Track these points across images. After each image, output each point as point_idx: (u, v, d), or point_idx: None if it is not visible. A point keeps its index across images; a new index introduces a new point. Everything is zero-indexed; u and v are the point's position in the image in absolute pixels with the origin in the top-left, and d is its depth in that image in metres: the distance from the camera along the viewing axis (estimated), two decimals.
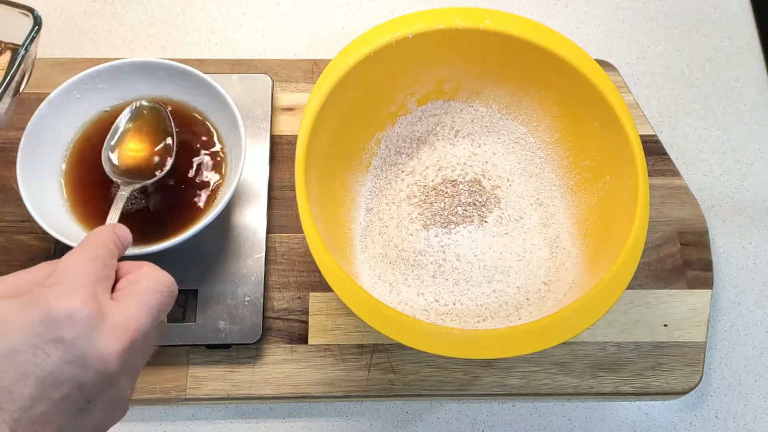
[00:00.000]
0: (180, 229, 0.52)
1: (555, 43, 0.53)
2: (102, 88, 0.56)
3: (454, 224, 0.56)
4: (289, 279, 0.57)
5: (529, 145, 0.59)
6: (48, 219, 0.50)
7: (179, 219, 0.53)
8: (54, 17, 0.70)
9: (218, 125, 0.56)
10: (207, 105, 0.56)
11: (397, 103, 0.59)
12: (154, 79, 0.56)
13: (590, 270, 0.51)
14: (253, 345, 0.54)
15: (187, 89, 0.56)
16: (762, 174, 0.65)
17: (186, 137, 0.56)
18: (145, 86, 0.57)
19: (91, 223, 0.53)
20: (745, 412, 0.57)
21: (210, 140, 0.56)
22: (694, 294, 0.58)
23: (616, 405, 0.57)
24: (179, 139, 0.55)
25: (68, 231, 0.51)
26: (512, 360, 0.55)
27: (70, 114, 0.55)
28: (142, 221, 0.53)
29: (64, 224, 0.52)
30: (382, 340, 0.55)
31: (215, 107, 0.56)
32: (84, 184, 0.54)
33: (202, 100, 0.56)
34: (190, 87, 0.56)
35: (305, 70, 0.65)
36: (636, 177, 0.49)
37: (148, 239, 0.52)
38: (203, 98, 0.56)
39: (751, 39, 0.71)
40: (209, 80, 0.55)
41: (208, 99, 0.56)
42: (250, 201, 0.58)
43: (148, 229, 0.53)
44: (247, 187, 0.59)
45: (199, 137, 0.56)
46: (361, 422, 0.55)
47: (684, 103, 0.68)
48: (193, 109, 0.57)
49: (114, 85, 0.56)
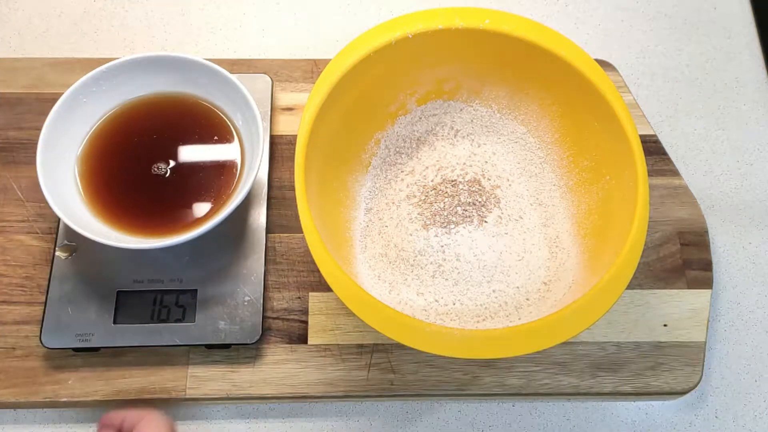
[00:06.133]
0: (187, 227, 0.53)
1: (555, 43, 0.53)
2: (115, 84, 0.57)
3: (454, 224, 0.56)
4: (288, 279, 0.57)
5: (529, 144, 0.59)
6: (68, 211, 0.51)
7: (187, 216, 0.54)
8: (54, 17, 0.70)
9: (238, 125, 0.57)
10: (228, 103, 0.58)
11: (397, 103, 0.59)
12: (173, 74, 0.57)
13: (590, 270, 0.51)
14: (252, 345, 0.54)
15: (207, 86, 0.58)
16: (762, 174, 0.65)
17: (201, 134, 0.57)
18: (164, 81, 0.58)
19: (106, 214, 0.54)
20: (745, 412, 0.57)
21: (227, 138, 0.57)
22: (693, 294, 0.58)
23: (616, 405, 0.57)
24: (194, 135, 0.57)
25: (88, 224, 0.52)
26: (512, 360, 0.55)
27: (89, 107, 0.56)
28: (151, 213, 0.54)
29: (83, 217, 0.53)
30: (381, 340, 0.55)
31: (236, 105, 0.57)
32: (99, 176, 0.56)
33: (222, 98, 0.58)
34: (209, 84, 0.57)
35: (305, 70, 0.65)
36: (636, 177, 0.49)
37: (156, 232, 0.52)
38: (224, 96, 0.57)
39: (751, 39, 0.71)
40: (233, 79, 0.56)
41: (228, 96, 0.57)
42: (250, 201, 0.58)
43: (158, 221, 0.54)
44: None
45: (214, 134, 0.57)
46: (360, 422, 0.55)
47: (684, 103, 0.68)
48: (213, 106, 0.58)
49: (128, 80, 0.57)
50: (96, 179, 0.55)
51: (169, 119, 0.58)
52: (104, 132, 0.57)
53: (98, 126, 0.57)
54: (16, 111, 0.62)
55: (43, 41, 0.69)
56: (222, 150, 0.57)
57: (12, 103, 0.62)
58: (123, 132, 0.57)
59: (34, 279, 0.56)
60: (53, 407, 0.54)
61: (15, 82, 0.63)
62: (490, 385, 0.54)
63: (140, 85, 0.58)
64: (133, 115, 0.58)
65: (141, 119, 0.57)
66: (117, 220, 0.54)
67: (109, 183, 0.55)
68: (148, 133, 0.57)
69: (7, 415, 0.55)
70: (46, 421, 0.55)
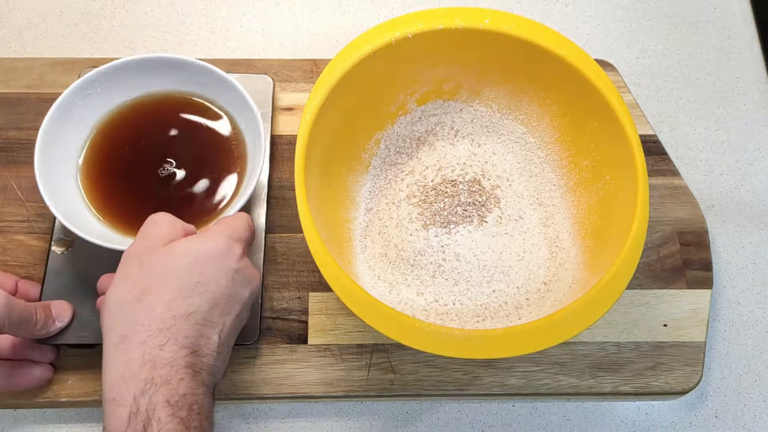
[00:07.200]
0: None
1: (555, 42, 0.53)
2: (112, 85, 0.57)
3: (454, 224, 0.56)
4: (288, 279, 0.57)
5: (529, 144, 0.59)
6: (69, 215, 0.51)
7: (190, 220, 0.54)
8: (54, 17, 0.70)
9: (241, 127, 0.57)
10: (230, 104, 0.57)
11: (397, 103, 0.59)
12: (175, 75, 0.57)
13: (590, 270, 0.51)
14: (251, 345, 0.54)
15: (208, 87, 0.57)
16: (762, 174, 0.65)
17: (205, 135, 0.57)
18: (167, 81, 0.58)
19: (110, 217, 0.54)
20: (745, 412, 0.57)
21: (230, 140, 0.57)
22: (693, 294, 0.58)
23: (616, 405, 0.57)
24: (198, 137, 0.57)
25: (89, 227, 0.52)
26: (512, 360, 0.55)
27: (87, 109, 0.56)
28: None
29: (85, 220, 0.53)
30: (381, 340, 0.55)
31: (237, 108, 0.57)
32: (102, 180, 0.56)
33: (224, 99, 0.57)
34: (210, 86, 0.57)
35: (305, 70, 0.65)
36: (636, 177, 0.49)
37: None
38: (226, 98, 0.57)
39: (751, 39, 0.71)
40: (235, 82, 0.56)
41: (230, 99, 0.57)
42: (250, 201, 0.58)
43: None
44: None
45: (218, 136, 0.57)
46: (360, 422, 0.55)
47: (684, 103, 0.68)
48: (214, 105, 0.58)
49: (124, 81, 0.57)
50: (99, 183, 0.55)
51: (172, 120, 0.58)
52: (107, 132, 0.57)
53: (101, 125, 0.57)
54: (16, 111, 0.62)
55: (43, 41, 0.69)
56: (224, 152, 0.57)
57: (12, 103, 0.62)
58: (126, 133, 0.57)
59: (34, 279, 0.56)
60: (53, 407, 0.54)
61: (15, 82, 0.63)
62: (490, 385, 0.54)
63: (140, 86, 0.57)
64: (133, 117, 0.57)
65: (142, 120, 0.57)
66: (121, 223, 0.54)
67: (112, 186, 0.55)
68: (151, 134, 0.57)
69: (7, 415, 0.55)
70: (46, 421, 0.55)
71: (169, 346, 0.41)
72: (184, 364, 0.41)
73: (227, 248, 0.45)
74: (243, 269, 0.46)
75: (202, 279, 0.43)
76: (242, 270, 0.46)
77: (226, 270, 0.45)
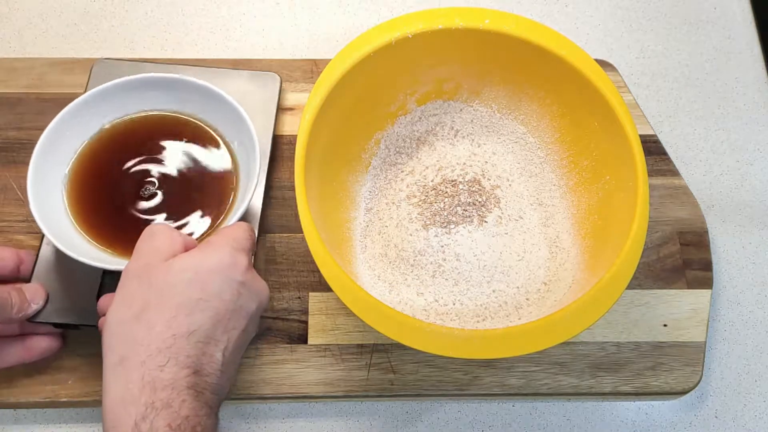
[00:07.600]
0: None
1: (555, 42, 0.53)
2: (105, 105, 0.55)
3: (454, 224, 0.56)
4: (288, 279, 0.57)
5: (529, 144, 0.59)
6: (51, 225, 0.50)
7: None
8: (54, 17, 0.70)
9: (233, 147, 0.55)
10: (221, 122, 0.55)
11: (397, 103, 0.59)
12: (167, 93, 0.55)
13: (590, 270, 0.51)
14: (251, 345, 0.54)
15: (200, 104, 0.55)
16: (762, 174, 0.65)
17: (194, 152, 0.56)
18: (164, 100, 0.56)
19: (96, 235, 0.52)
20: (745, 412, 0.57)
21: (221, 157, 0.55)
22: (693, 294, 0.58)
23: (616, 405, 0.57)
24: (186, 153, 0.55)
25: (69, 239, 0.50)
26: (512, 360, 0.55)
27: (78, 128, 0.54)
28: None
29: (65, 230, 0.51)
30: (381, 340, 0.55)
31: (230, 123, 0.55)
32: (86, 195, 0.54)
33: (216, 116, 0.55)
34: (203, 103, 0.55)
35: (305, 70, 0.65)
36: (636, 177, 0.49)
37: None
38: (217, 114, 0.55)
39: (751, 39, 0.71)
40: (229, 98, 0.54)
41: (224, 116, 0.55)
42: None
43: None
44: None
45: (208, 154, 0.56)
46: (360, 422, 0.55)
47: (684, 103, 0.68)
48: (204, 124, 0.56)
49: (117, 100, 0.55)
50: (85, 201, 0.53)
51: (160, 138, 0.55)
52: (92, 153, 0.55)
53: (86, 146, 0.55)
54: (16, 111, 0.62)
55: (43, 41, 0.69)
56: (216, 168, 0.55)
57: (12, 103, 0.62)
58: (112, 153, 0.55)
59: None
60: (53, 407, 0.54)
61: (15, 82, 0.63)
62: (490, 385, 0.54)
63: (129, 105, 0.56)
64: (121, 137, 0.55)
65: (129, 139, 0.55)
66: (109, 242, 0.52)
67: (98, 205, 0.53)
68: (137, 153, 0.55)
69: (7, 415, 0.55)
70: (46, 421, 0.55)
71: (170, 367, 0.39)
72: (186, 384, 0.39)
73: (231, 260, 0.44)
74: (250, 282, 0.44)
75: (204, 294, 0.42)
76: (248, 282, 0.44)
77: (231, 283, 0.43)
